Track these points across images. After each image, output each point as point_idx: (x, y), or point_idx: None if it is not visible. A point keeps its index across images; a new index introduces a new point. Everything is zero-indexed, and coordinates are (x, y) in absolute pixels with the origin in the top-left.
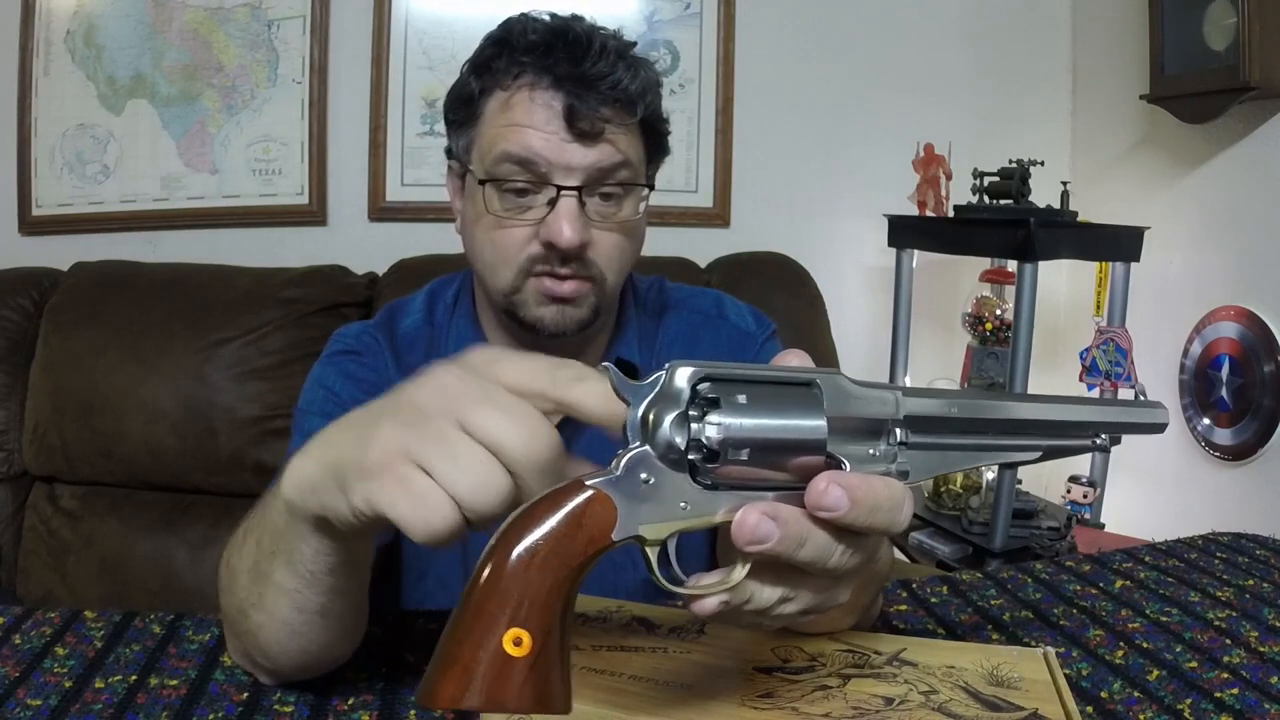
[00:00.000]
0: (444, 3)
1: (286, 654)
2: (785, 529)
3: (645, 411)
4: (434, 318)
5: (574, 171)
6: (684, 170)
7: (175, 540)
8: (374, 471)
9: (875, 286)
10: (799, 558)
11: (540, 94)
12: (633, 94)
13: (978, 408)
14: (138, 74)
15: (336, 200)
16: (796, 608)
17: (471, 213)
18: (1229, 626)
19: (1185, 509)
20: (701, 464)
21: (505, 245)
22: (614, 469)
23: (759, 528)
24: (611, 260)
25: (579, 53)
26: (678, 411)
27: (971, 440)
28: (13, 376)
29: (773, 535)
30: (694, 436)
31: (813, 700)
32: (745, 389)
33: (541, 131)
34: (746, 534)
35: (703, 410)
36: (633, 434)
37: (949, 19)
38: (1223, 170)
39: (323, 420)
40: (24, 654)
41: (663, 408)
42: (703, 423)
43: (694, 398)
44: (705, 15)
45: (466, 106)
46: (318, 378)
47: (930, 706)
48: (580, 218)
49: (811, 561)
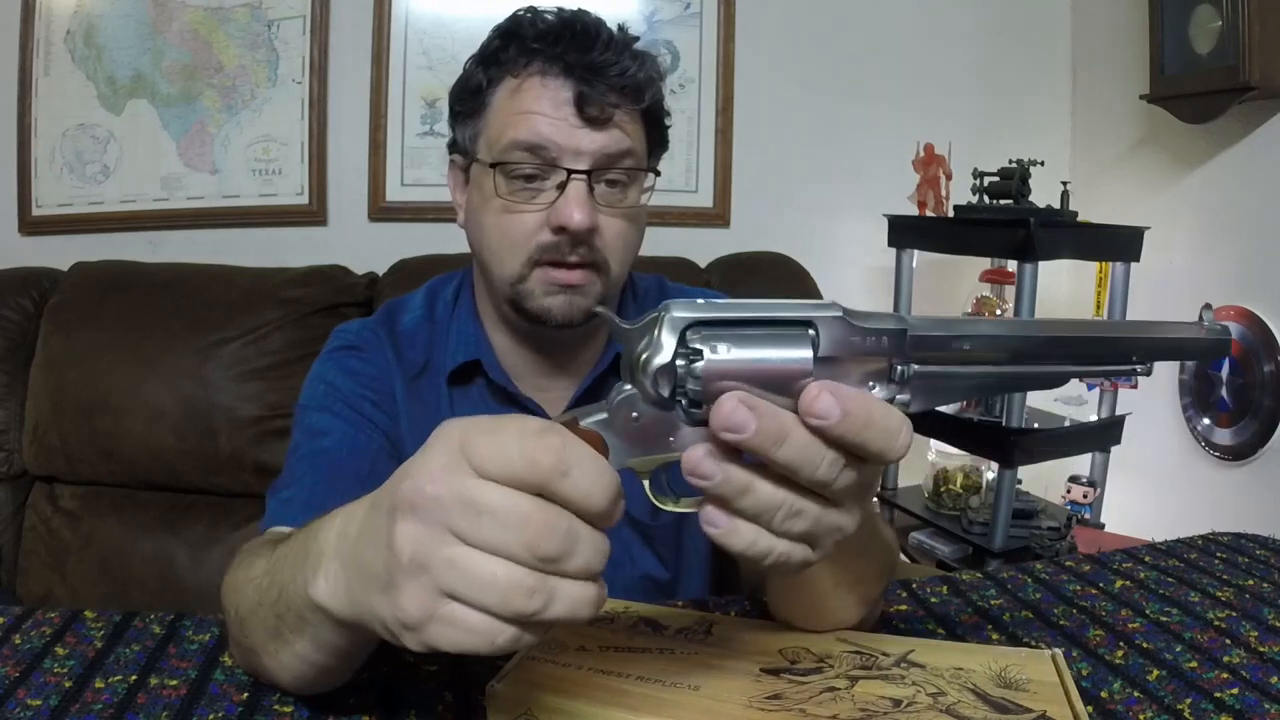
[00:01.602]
0: (444, 3)
1: (293, 687)
2: (762, 421)
3: (636, 355)
4: (434, 314)
5: (583, 156)
6: (684, 170)
7: (175, 540)
8: (419, 624)
9: (875, 286)
10: (778, 457)
11: (551, 80)
12: (640, 82)
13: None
14: (138, 74)
15: (336, 200)
16: (800, 526)
17: (478, 200)
18: (1229, 626)
19: (1185, 509)
20: (688, 407)
21: (514, 231)
22: (605, 408)
23: (734, 414)
24: (616, 248)
25: (588, 41)
26: (664, 361)
27: (992, 368)
28: (13, 376)
29: (748, 426)
30: (679, 383)
31: (820, 702)
32: (733, 334)
33: (551, 117)
34: (721, 420)
35: (689, 358)
36: (626, 374)
37: (949, 20)
38: (1223, 170)
39: (323, 415)
40: (24, 654)
41: (652, 352)
42: (688, 369)
43: (683, 341)
44: (705, 15)
45: (474, 97)
46: (318, 373)
47: (938, 708)
48: (589, 201)
49: (794, 465)
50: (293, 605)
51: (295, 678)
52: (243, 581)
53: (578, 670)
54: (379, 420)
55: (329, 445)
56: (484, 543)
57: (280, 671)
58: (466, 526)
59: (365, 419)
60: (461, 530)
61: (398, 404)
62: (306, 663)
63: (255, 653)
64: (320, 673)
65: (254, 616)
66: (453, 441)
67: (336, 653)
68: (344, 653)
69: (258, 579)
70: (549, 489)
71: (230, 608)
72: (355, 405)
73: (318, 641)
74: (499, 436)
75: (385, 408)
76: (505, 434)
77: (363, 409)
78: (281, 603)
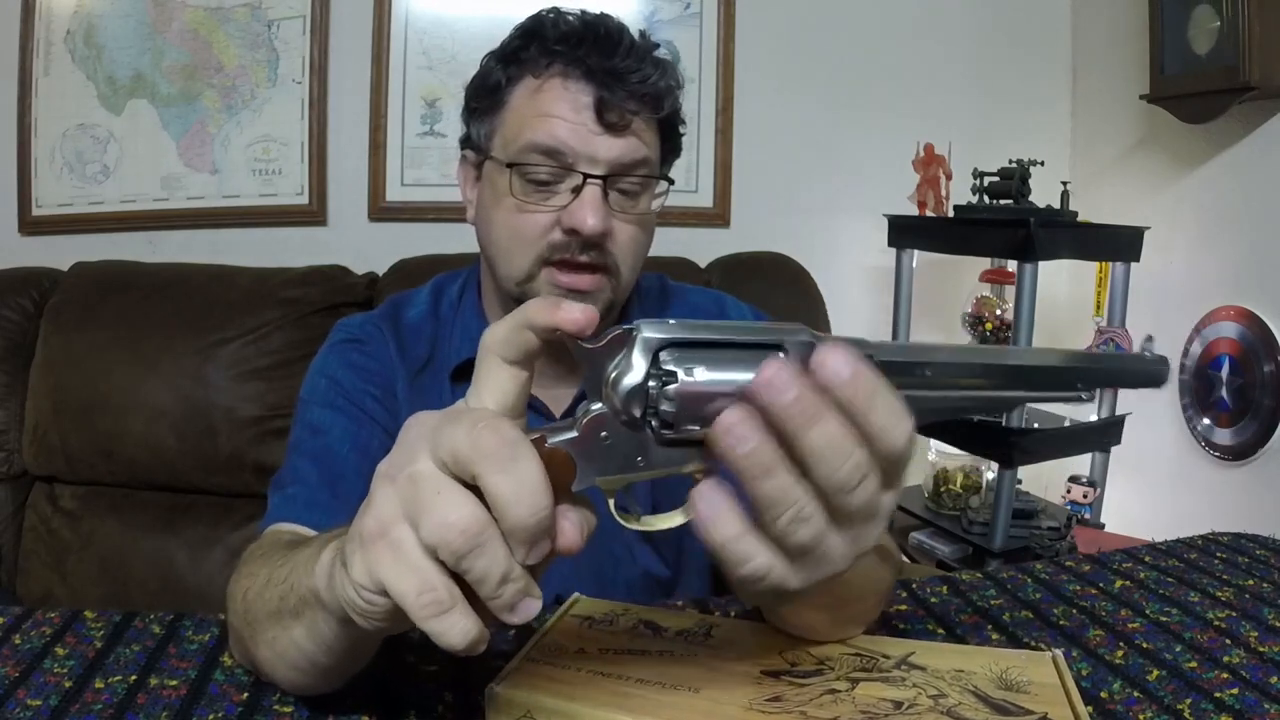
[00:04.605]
0: (444, 3)
1: (289, 685)
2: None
3: (606, 375)
4: (439, 310)
5: (599, 162)
6: (684, 170)
7: (175, 540)
8: (372, 536)
9: (875, 286)
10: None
11: (572, 83)
12: (660, 90)
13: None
14: (138, 74)
15: (336, 200)
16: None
17: (490, 197)
18: (1229, 626)
19: (1185, 509)
20: (658, 429)
21: (525, 230)
22: (574, 427)
23: (779, 374)
24: (628, 253)
25: (611, 46)
26: (635, 383)
27: (951, 393)
28: (13, 376)
29: (788, 391)
30: (651, 404)
31: (821, 704)
32: (705, 358)
33: (570, 122)
34: (765, 378)
35: (662, 379)
36: (592, 393)
37: (949, 19)
38: (1223, 170)
39: (325, 410)
40: (24, 654)
41: (622, 372)
42: (660, 393)
43: (654, 362)
44: (705, 15)
45: (492, 94)
46: (320, 367)
47: (939, 710)
48: (604, 206)
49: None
50: (296, 588)
51: (290, 668)
52: (258, 567)
53: (577, 672)
54: (380, 416)
55: (331, 442)
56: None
57: (276, 662)
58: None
59: (367, 415)
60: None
61: (399, 400)
62: (301, 652)
63: (254, 642)
64: (313, 667)
65: (260, 598)
66: (426, 424)
67: (328, 648)
68: (335, 650)
69: (275, 568)
70: (482, 478)
71: (238, 592)
72: (357, 400)
73: (313, 630)
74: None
75: (387, 403)
76: (464, 418)
77: (364, 404)
78: (286, 584)
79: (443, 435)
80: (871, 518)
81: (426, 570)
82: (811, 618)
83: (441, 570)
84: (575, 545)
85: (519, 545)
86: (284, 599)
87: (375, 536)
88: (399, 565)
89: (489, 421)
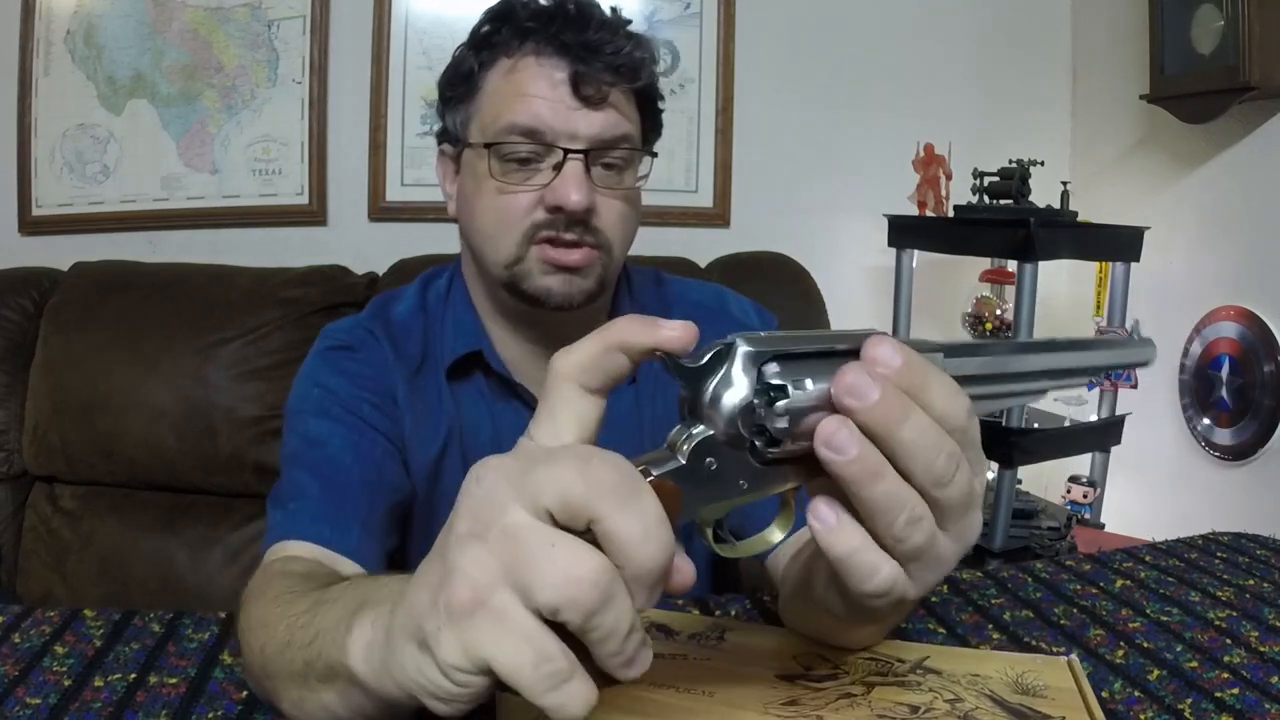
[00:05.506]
0: (444, 3)
1: None
2: (886, 388)
3: (709, 393)
4: (427, 303)
5: (579, 137)
6: (684, 170)
7: (175, 540)
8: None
9: (875, 286)
10: (903, 433)
11: (546, 60)
12: (636, 61)
13: (1004, 363)
14: (138, 74)
15: (336, 200)
16: (918, 538)
17: (471, 185)
18: (1229, 626)
19: (1185, 509)
20: (764, 447)
21: (508, 211)
22: (679, 455)
23: (859, 379)
24: (617, 228)
25: (583, 21)
26: (742, 401)
27: (989, 389)
28: (13, 376)
29: (871, 394)
30: (759, 422)
31: (837, 708)
32: (810, 370)
33: (547, 99)
34: (845, 386)
35: (769, 397)
36: (692, 415)
37: (949, 19)
38: (1223, 170)
39: (321, 421)
40: (23, 653)
41: (724, 390)
42: (769, 410)
43: (759, 378)
44: (705, 15)
45: (465, 81)
46: (310, 374)
47: (956, 715)
48: (587, 181)
49: (916, 447)
50: (324, 656)
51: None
52: (275, 618)
53: None
54: (380, 423)
55: (332, 453)
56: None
57: (305, 718)
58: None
59: (365, 423)
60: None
61: (400, 405)
62: (333, 716)
63: (277, 695)
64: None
65: (281, 657)
66: (508, 470)
67: (365, 715)
68: (375, 717)
69: (296, 629)
70: (604, 520)
71: (255, 643)
72: (354, 409)
73: (347, 698)
74: (554, 463)
75: (386, 410)
76: (563, 457)
77: (362, 412)
78: (312, 650)
79: (538, 479)
80: (970, 507)
81: (541, 638)
82: (859, 633)
83: (555, 635)
84: (691, 582)
85: (642, 590)
86: (310, 664)
87: (471, 607)
88: (509, 637)
89: (601, 456)
